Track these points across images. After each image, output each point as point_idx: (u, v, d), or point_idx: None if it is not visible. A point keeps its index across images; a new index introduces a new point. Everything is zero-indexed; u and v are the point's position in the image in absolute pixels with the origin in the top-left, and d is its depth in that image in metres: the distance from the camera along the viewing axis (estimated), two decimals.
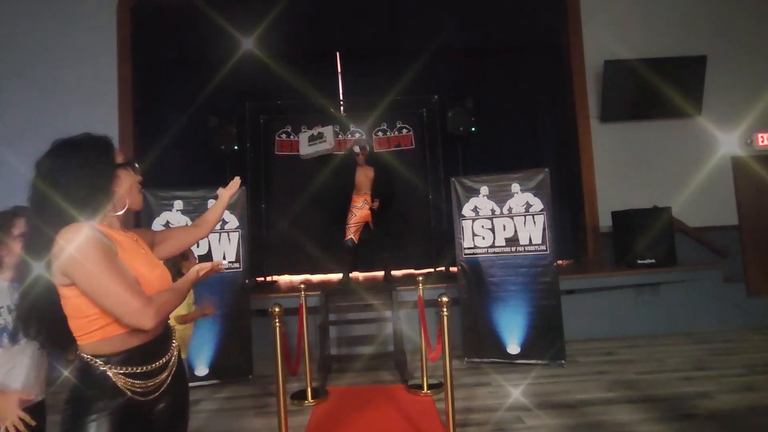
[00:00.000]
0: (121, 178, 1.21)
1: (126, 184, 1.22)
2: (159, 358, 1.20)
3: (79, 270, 1.06)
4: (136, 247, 1.23)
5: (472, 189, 3.91)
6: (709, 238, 5.27)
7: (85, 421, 1.08)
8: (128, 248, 1.19)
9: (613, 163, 5.45)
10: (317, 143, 4.51)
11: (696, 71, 5.38)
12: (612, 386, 3.13)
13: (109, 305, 1.09)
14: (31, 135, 5.01)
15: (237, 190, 1.69)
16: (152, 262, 1.26)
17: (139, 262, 1.19)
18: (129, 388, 1.13)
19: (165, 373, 1.21)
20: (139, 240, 1.28)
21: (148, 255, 1.27)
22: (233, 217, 3.82)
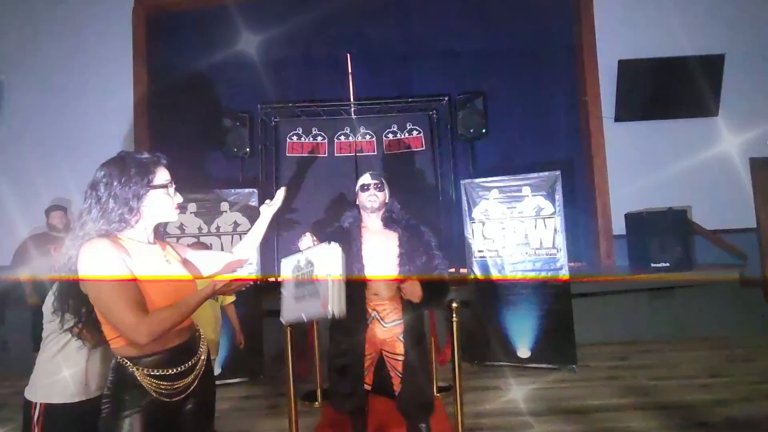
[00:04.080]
0: (153, 198, 1.29)
1: (159, 204, 1.30)
2: (185, 362, 1.28)
3: (88, 285, 1.19)
4: (157, 260, 1.29)
5: (482, 192, 3.89)
6: (726, 240, 5.16)
7: (120, 416, 1.18)
8: (147, 261, 1.25)
9: (626, 163, 5.37)
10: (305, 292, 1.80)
11: (714, 70, 5.26)
12: (624, 392, 3.10)
13: (107, 319, 1.19)
14: (47, 141, 5.15)
15: (280, 205, 1.80)
16: (176, 275, 1.31)
17: (153, 270, 1.25)
18: (155, 389, 1.21)
19: (191, 376, 1.28)
20: (171, 253, 1.38)
21: (173, 268, 1.33)
22: (245, 219, 3.88)
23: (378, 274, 2.02)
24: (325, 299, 1.53)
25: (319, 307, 1.56)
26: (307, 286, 1.62)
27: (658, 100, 5.33)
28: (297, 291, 1.67)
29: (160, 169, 1.32)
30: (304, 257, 1.69)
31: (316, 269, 1.61)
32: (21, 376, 1.58)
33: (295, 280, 1.69)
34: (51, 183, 4.79)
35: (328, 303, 1.51)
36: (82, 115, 5.14)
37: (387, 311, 2.04)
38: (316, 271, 1.61)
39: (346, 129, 5.31)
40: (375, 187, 2.12)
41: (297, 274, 1.69)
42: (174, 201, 1.35)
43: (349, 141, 5.31)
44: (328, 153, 5.30)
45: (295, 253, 1.79)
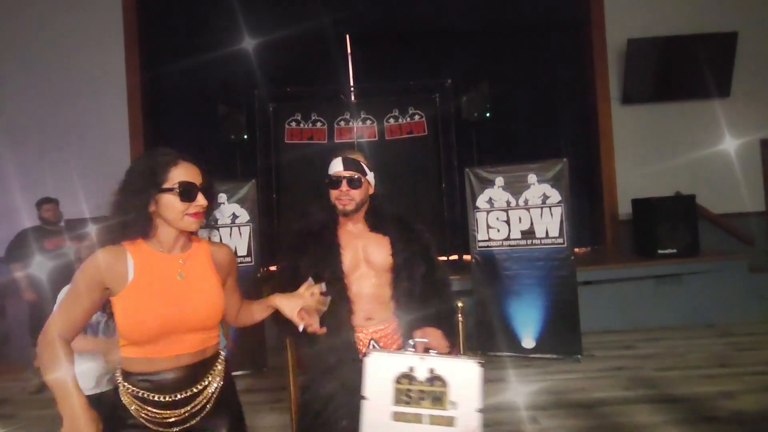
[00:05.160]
0: (163, 203, 1.16)
1: (168, 211, 1.17)
2: (179, 390, 1.16)
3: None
4: (168, 273, 1.18)
5: (486, 180, 3.79)
6: (735, 225, 5.07)
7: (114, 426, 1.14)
8: (155, 273, 1.16)
9: (633, 147, 5.24)
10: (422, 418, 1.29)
11: (726, 49, 5.08)
12: (630, 384, 3.06)
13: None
14: (38, 126, 5.03)
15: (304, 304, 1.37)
16: (183, 293, 1.17)
17: (152, 292, 1.14)
18: (140, 413, 1.13)
19: (185, 408, 1.16)
20: (196, 266, 1.22)
21: (186, 284, 1.19)
22: (244, 210, 3.79)
23: (367, 291, 1.53)
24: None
25: None
26: (428, 411, 1.21)
27: (668, 81, 5.17)
28: (402, 410, 1.22)
29: (173, 170, 1.16)
30: (425, 366, 1.23)
31: (451, 392, 1.20)
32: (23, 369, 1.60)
33: (401, 394, 1.23)
34: (42, 174, 4.71)
35: None
36: (74, 102, 5.00)
37: (388, 338, 1.55)
38: (450, 395, 1.20)
39: (346, 114, 5.18)
40: (349, 183, 1.51)
41: (408, 387, 1.23)
42: (187, 208, 1.16)
43: (350, 126, 5.19)
44: (327, 139, 5.18)
45: (394, 352, 1.32)
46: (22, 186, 4.66)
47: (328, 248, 1.52)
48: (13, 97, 4.99)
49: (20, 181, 4.73)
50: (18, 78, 5.00)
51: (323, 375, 1.49)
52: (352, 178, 1.52)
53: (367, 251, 1.56)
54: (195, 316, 1.17)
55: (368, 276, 1.54)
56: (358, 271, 1.54)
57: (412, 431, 1.21)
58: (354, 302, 1.52)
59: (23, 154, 4.89)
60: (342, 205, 1.52)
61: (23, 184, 4.67)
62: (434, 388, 1.21)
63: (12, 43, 5.02)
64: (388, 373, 1.25)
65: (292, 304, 1.35)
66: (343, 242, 1.55)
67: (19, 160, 4.85)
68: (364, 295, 1.53)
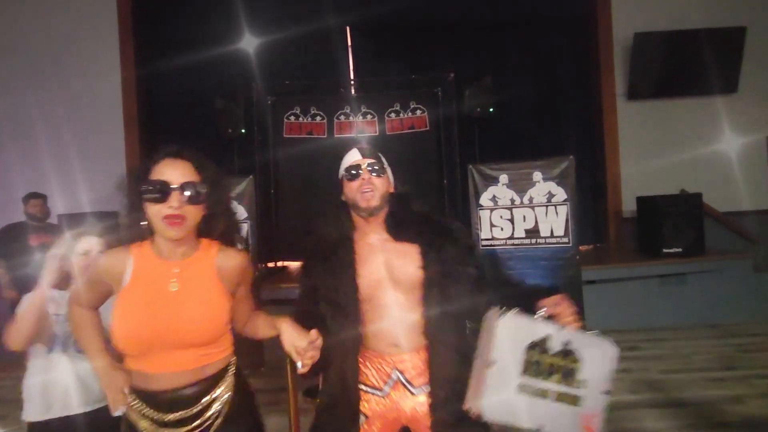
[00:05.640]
0: (145, 207, 1.08)
1: (149, 213, 1.07)
2: (177, 409, 1.08)
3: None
4: (160, 282, 1.09)
5: (490, 177, 3.70)
6: (740, 223, 5.01)
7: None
8: (147, 282, 1.09)
9: (639, 144, 5.16)
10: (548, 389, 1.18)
11: (734, 44, 4.98)
12: (637, 387, 3.00)
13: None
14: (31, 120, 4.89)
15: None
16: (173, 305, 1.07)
17: (140, 301, 1.07)
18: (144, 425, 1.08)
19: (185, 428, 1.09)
20: (194, 276, 1.11)
21: (176, 296, 1.08)
22: (241, 208, 3.70)
23: (391, 314, 1.29)
24: (589, 419, 1.07)
25: (574, 426, 1.09)
26: (556, 387, 1.12)
27: (674, 76, 5.07)
28: (529, 382, 1.13)
29: (154, 168, 1.06)
30: (560, 338, 1.14)
31: (583, 370, 1.12)
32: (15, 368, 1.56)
33: (530, 364, 1.13)
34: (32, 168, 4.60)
35: (594, 425, 1.08)
36: (67, 95, 4.88)
37: (416, 369, 1.30)
38: (582, 372, 1.12)
39: (346, 108, 5.08)
40: (370, 170, 1.31)
41: (538, 358, 1.13)
42: (162, 211, 1.03)
43: (350, 121, 5.09)
44: (327, 134, 5.08)
45: (525, 316, 1.16)
46: (12, 180, 4.54)
47: (342, 269, 1.29)
48: (5, 90, 4.86)
49: (10, 175, 4.62)
50: (10, 71, 4.87)
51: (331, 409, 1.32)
52: (374, 166, 1.32)
53: (391, 265, 1.30)
54: (187, 332, 1.07)
55: (393, 296, 1.30)
56: (382, 291, 1.30)
57: (535, 406, 1.11)
58: (375, 327, 1.30)
59: (16, 148, 4.78)
60: (365, 199, 1.28)
61: (12, 178, 4.56)
62: (566, 363, 1.12)
63: (4, 36, 4.88)
64: (521, 339, 1.14)
65: (294, 340, 1.15)
66: (361, 258, 1.31)
67: (12, 154, 4.74)
68: (389, 318, 1.29)
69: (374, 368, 1.33)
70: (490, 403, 1.11)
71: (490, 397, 1.12)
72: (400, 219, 1.34)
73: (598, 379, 1.13)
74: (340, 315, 1.28)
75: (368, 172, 1.31)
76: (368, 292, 1.29)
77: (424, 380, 1.29)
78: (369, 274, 1.30)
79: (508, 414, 1.11)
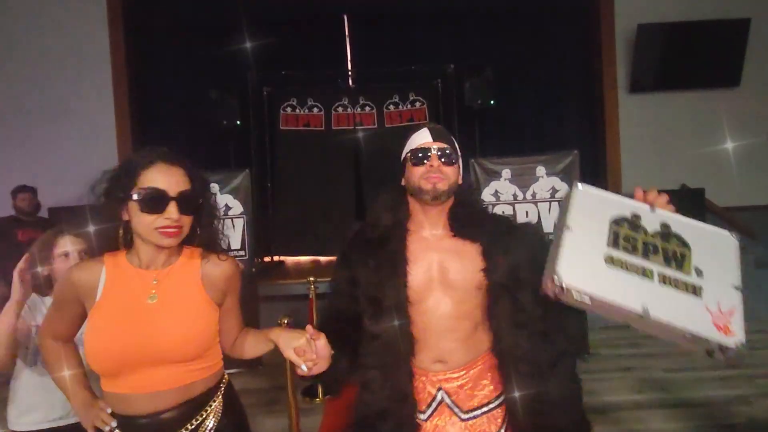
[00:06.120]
0: (131, 213, 0.98)
1: (138, 221, 0.98)
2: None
3: None
4: (137, 294, 1.00)
5: (493, 172, 3.62)
6: (739, 218, 4.98)
7: None
8: (122, 294, 0.99)
9: (640, 137, 5.09)
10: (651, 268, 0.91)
11: (737, 36, 4.90)
12: (641, 386, 2.97)
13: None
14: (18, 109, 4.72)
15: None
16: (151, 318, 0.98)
17: (114, 315, 0.98)
18: None
19: None
20: (166, 285, 1.02)
21: (157, 308, 0.99)
22: (237, 202, 3.59)
23: (439, 323, 1.10)
24: (720, 316, 0.82)
25: (699, 319, 0.82)
26: (661, 268, 0.86)
27: (676, 69, 4.99)
28: (622, 256, 0.87)
29: (143, 173, 0.97)
30: (656, 219, 0.92)
31: (696, 258, 0.88)
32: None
33: (620, 238, 0.89)
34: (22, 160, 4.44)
35: (732, 325, 0.83)
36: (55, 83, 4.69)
37: (466, 390, 1.12)
38: (696, 259, 0.88)
39: (344, 100, 4.95)
40: (440, 155, 1.11)
41: (630, 233, 0.90)
42: (155, 221, 0.96)
43: (348, 113, 4.97)
44: (324, 126, 4.96)
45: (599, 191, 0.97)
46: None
47: (391, 263, 1.10)
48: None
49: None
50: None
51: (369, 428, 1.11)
52: (446, 151, 1.12)
53: (445, 267, 1.11)
54: (167, 347, 0.97)
55: (443, 302, 1.10)
56: (431, 295, 1.10)
57: (632, 286, 0.84)
58: (419, 339, 1.10)
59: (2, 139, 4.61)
60: (432, 183, 1.09)
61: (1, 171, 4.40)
62: (669, 245, 0.88)
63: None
64: (603, 211, 0.92)
65: (291, 341, 1.02)
66: (413, 255, 1.11)
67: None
68: (436, 328, 1.10)
69: (414, 386, 1.12)
70: (571, 270, 0.83)
71: (569, 261, 0.84)
72: (465, 214, 1.14)
73: (723, 271, 0.87)
74: (383, 316, 1.08)
75: (437, 158, 1.10)
76: (417, 294, 1.10)
77: (481, 399, 1.11)
78: (420, 272, 1.11)
79: (595, 285, 0.83)
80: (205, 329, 1.03)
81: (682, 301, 0.84)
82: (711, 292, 0.85)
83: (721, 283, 0.86)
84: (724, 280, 0.87)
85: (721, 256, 0.90)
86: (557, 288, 0.84)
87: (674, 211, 0.97)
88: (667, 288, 0.85)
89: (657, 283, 0.85)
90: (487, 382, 1.12)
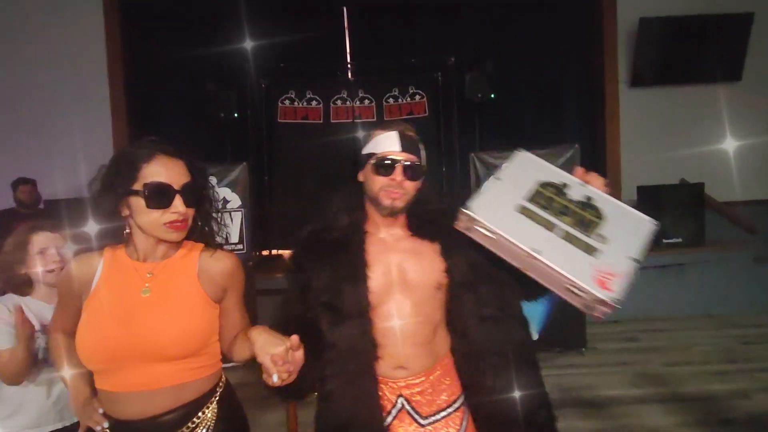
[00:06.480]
0: (132, 207, 0.95)
1: (139, 215, 0.95)
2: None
3: None
4: (130, 289, 0.97)
5: (493, 166, 3.60)
6: (739, 213, 4.97)
7: None
8: (116, 287, 0.97)
9: (640, 132, 5.07)
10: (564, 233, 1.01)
11: (740, 31, 4.87)
12: (638, 380, 2.97)
13: None
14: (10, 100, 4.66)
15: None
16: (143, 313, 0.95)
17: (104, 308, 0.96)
18: None
19: None
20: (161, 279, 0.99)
21: (150, 302, 0.96)
22: (235, 195, 3.57)
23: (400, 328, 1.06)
24: (606, 275, 0.87)
25: (583, 272, 0.88)
26: (566, 226, 0.94)
27: (678, 63, 4.96)
28: (534, 208, 0.96)
29: (144, 167, 0.94)
30: (582, 191, 0.99)
31: (608, 227, 0.94)
32: None
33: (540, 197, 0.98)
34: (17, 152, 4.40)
35: (612, 284, 0.86)
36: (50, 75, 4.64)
37: (426, 396, 1.08)
38: (604, 229, 0.94)
39: (343, 92, 4.91)
40: (406, 171, 1.06)
41: (552, 196, 0.98)
42: (162, 215, 0.93)
43: (347, 106, 4.92)
44: (323, 119, 4.92)
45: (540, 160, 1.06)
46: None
47: (350, 267, 1.05)
48: None
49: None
50: None
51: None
52: (413, 166, 1.06)
53: (404, 268, 1.08)
54: (157, 343, 0.93)
55: (404, 305, 1.06)
56: (391, 299, 1.06)
57: (534, 233, 0.93)
58: (380, 345, 1.05)
59: None
60: (390, 199, 1.05)
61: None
62: (584, 213, 0.96)
63: None
64: (536, 174, 1.02)
65: (268, 346, 0.87)
66: (372, 257, 1.07)
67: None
68: (397, 333, 1.06)
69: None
70: (483, 208, 0.94)
71: (485, 201, 0.96)
72: (421, 213, 1.12)
73: (626, 245, 0.93)
74: (344, 324, 1.03)
75: (402, 173, 1.05)
76: (377, 298, 1.05)
77: (440, 404, 1.08)
78: (380, 276, 1.07)
79: (500, 224, 0.93)
80: (199, 326, 0.99)
81: (575, 255, 0.91)
82: (606, 255, 0.92)
83: (620, 252, 0.93)
84: (624, 251, 0.93)
85: (632, 234, 0.96)
86: (466, 220, 0.95)
87: (606, 192, 1.01)
88: (565, 242, 0.93)
89: (557, 237, 0.93)
90: (445, 386, 1.09)
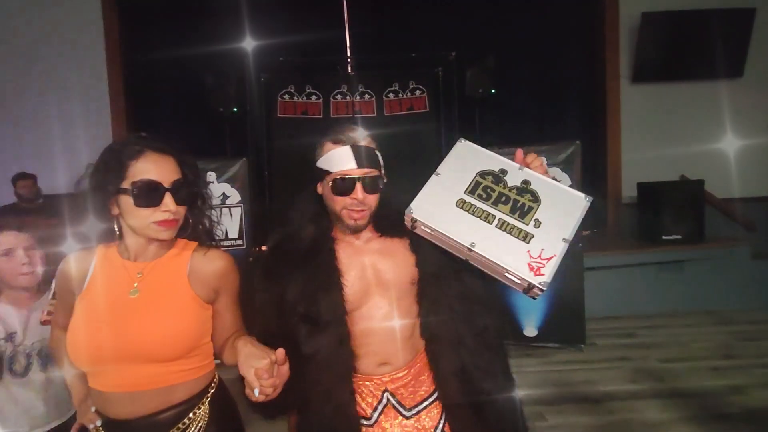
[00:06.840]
0: (122, 206, 0.93)
1: (131, 214, 0.93)
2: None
3: None
4: (119, 288, 0.96)
5: None
6: (738, 210, 4.97)
7: None
8: (105, 286, 0.97)
9: (641, 128, 5.06)
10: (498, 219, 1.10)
11: (742, 26, 4.85)
12: (636, 376, 2.99)
13: None
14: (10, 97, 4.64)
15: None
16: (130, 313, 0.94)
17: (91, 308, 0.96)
18: None
19: None
20: (150, 279, 0.97)
21: (138, 303, 0.95)
22: (234, 191, 3.57)
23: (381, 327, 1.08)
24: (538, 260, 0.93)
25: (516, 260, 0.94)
26: (502, 215, 0.99)
27: (679, 58, 4.94)
28: (472, 201, 1.02)
29: (132, 164, 0.92)
30: (520, 175, 1.05)
31: (541, 212, 0.99)
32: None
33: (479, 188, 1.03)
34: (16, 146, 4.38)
35: (544, 269, 0.93)
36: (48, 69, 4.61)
37: (409, 388, 1.11)
38: (539, 213, 0.99)
39: (343, 87, 4.87)
40: (365, 187, 1.06)
41: (490, 185, 1.03)
42: (152, 214, 0.92)
43: (347, 100, 4.89)
44: (323, 114, 4.90)
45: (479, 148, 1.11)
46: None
47: (324, 276, 1.06)
48: None
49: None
50: None
51: None
52: (371, 180, 1.06)
53: (378, 268, 1.10)
54: (144, 345, 0.92)
55: (382, 304, 1.09)
56: (369, 300, 1.09)
57: (473, 225, 0.99)
58: (361, 345, 1.07)
59: None
60: (354, 219, 1.06)
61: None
62: (521, 199, 1.01)
63: None
64: (474, 164, 1.07)
65: (252, 359, 0.86)
66: (344, 263, 1.09)
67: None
68: (378, 332, 1.08)
69: (360, 394, 1.10)
70: (423, 206, 1.01)
71: (425, 200, 1.02)
72: (387, 212, 1.12)
73: (559, 225, 0.99)
74: (320, 334, 1.03)
75: (362, 190, 1.05)
76: (354, 302, 1.07)
77: (422, 395, 1.11)
78: (356, 280, 1.08)
79: (437, 222, 0.99)
80: (188, 328, 0.97)
81: (510, 244, 0.98)
82: (540, 240, 0.98)
83: (552, 235, 0.98)
84: (557, 233, 0.99)
85: (566, 213, 1.01)
86: (409, 219, 1.02)
87: (543, 172, 1.06)
88: (501, 232, 0.99)
89: (494, 227, 1.00)
90: (425, 377, 1.12)
